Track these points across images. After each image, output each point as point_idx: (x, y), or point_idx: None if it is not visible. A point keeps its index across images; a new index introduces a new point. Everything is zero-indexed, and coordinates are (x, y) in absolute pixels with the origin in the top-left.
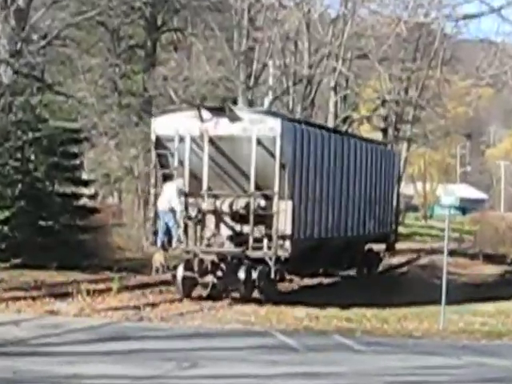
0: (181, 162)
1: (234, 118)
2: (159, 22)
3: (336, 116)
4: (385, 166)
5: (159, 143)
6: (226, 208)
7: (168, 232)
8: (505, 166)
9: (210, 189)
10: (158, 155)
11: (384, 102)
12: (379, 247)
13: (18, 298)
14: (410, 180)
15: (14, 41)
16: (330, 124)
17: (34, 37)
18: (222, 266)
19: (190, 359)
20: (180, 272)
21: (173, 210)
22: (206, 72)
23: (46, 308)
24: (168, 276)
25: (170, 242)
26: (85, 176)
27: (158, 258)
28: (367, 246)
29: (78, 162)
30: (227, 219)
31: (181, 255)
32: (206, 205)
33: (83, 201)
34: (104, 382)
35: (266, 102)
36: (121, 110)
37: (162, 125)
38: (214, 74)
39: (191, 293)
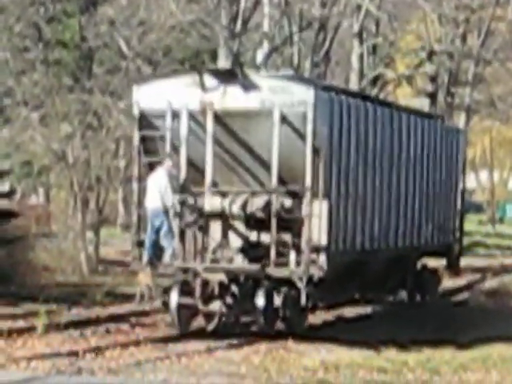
0: (174, 147)
1: (249, 86)
2: None
3: (362, 75)
4: (447, 151)
5: (144, 121)
6: (237, 210)
7: (157, 242)
8: None
9: (215, 184)
10: (143, 138)
11: (431, 55)
12: (437, 263)
13: None
14: (469, 167)
15: None
16: (354, 86)
17: None
18: (234, 288)
19: None
20: (174, 298)
21: (167, 210)
22: (171, 13)
23: None
24: (157, 303)
25: (159, 256)
26: None
27: (144, 279)
28: (421, 262)
29: None
30: (239, 225)
31: (175, 274)
32: (210, 206)
33: None
34: None
35: (260, 55)
36: (48, 69)
37: (149, 96)
38: (182, 15)
39: (190, 326)
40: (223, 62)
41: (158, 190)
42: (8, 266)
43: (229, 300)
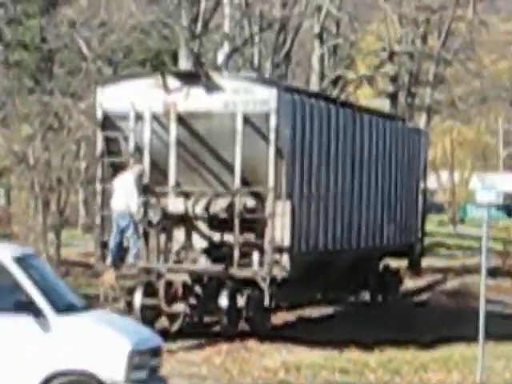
0: (138, 148)
1: (212, 87)
2: None
3: (322, 76)
4: (408, 152)
5: (108, 122)
6: (200, 211)
7: (121, 243)
8: None
9: (178, 184)
10: (107, 139)
11: (392, 55)
12: (398, 264)
13: None
14: (430, 168)
15: None
16: (314, 87)
17: None
18: (197, 289)
19: None
20: (138, 298)
21: (128, 213)
22: (131, 14)
23: None
24: (121, 304)
25: (122, 257)
26: None
27: (108, 280)
28: (383, 262)
29: None
30: (202, 226)
31: (139, 275)
32: (174, 207)
33: None
34: None
35: (221, 56)
36: (8, 71)
37: (112, 97)
38: (143, 16)
39: (154, 326)
40: (184, 63)
41: (125, 192)
42: None
43: (192, 301)
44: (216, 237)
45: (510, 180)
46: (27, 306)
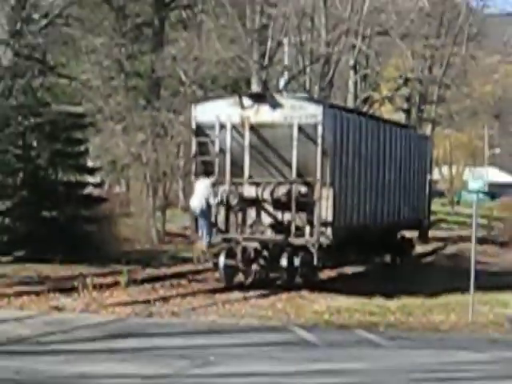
0: (221, 150)
1: (275, 105)
2: None
3: (356, 97)
4: (418, 152)
5: (200, 131)
6: (267, 195)
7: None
8: None
9: (251, 176)
10: (199, 143)
11: (406, 81)
12: (412, 234)
13: (20, 294)
14: (434, 164)
15: (13, 20)
16: (350, 105)
17: (35, 16)
18: (265, 253)
19: (203, 357)
20: (222, 260)
21: (205, 210)
22: (217, 51)
23: (50, 304)
24: (209, 264)
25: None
26: (90, 163)
27: (200, 247)
28: (400, 234)
29: (82, 148)
30: (268, 207)
31: (220, 243)
32: (248, 192)
33: (88, 190)
34: (112, 382)
35: (282, 82)
36: (127, 93)
37: (203, 112)
38: (225, 53)
39: (233, 279)
40: (255, 87)
41: (201, 194)
42: (99, 238)
43: (261, 262)
44: (278, 215)
45: (491, 173)
46: None
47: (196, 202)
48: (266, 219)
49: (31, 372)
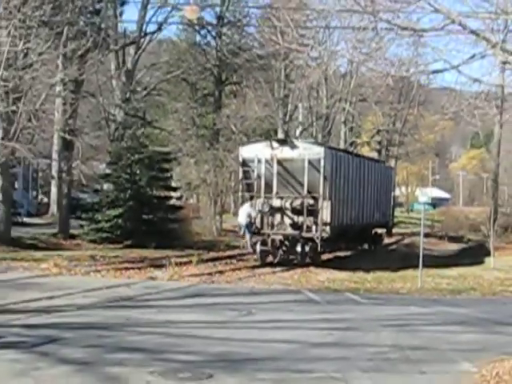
0: (258, 176)
1: (293, 147)
2: (223, 78)
3: (345, 141)
4: (385, 177)
5: (244, 163)
6: (287, 205)
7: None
8: (462, 175)
9: (277, 193)
10: (244, 171)
11: (378, 132)
12: (382, 231)
13: (128, 268)
14: (396, 185)
15: (124, 92)
16: (341, 146)
17: (138, 89)
18: (286, 243)
19: (246, 309)
20: (258, 247)
21: (246, 223)
22: (255, 112)
23: (147, 275)
24: (250, 250)
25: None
26: (173, 184)
27: (244, 240)
28: (374, 230)
29: (168, 174)
30: (288, 213)
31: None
32: (275, 203)
33: (172, 201)
34: (187, 325)
35: (297, 132)
36: (198, 139)
37: (246, 151)
38: (260, 113)
39: (265, 260)
40: (280, 135)
41: (245, 216)
42: (179, 232)
43: (284, 248)
44: (295, 218)
45: (433, 191)
46: None
47: (241, 219)
48: (287, 220)
49: (135, 318)
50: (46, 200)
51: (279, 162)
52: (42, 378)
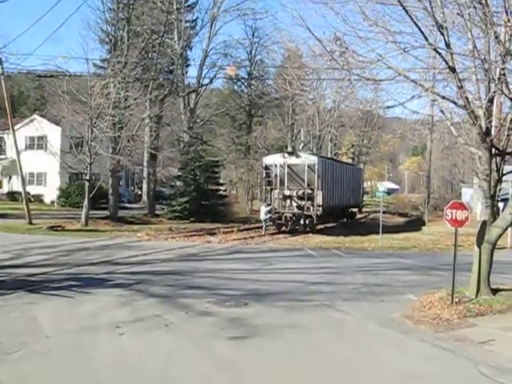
0: (275, 175)
1: (298, 156)
2: (252, 112)
3: (331, 152)
4: (357, 175)
5: (266, 167)
6: (294, 194)
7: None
8: (407, 174)
9: (288, 186)
10: (266, 172)
11: (352, 146)
12: (355, 210)
13: (192, 235)
14: (363, 180)
15: (189, 122)
16: (329, 155)
17: (198, 120)
18: (294, 218)
19: (268, 261)
20: (276, 221)
21: (265, 217)
22: (273, 134)
23: (205, 239)
24: (270, 223)
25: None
26: (221, 181)
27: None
28: (350, 209)
29: (218, 175)
30: (295, 199)
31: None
32: (287, 193)
33: (220, 192)
34: (231, 272)
35: (300, 147)
36: (236, 152)
37: (268, 159)
38: (276, 135)
39: (281, 229)
40: (289, 149)
41: (264, 213)
42: (225, 212)
43: (292, 221)
44: (299, 202)
45: (388, 184)
46: None
47: (262, 215)
48: (294, 204)
49: (199, 266)
50: (139, 192)
51: (289, 166)
52: (139, 307)
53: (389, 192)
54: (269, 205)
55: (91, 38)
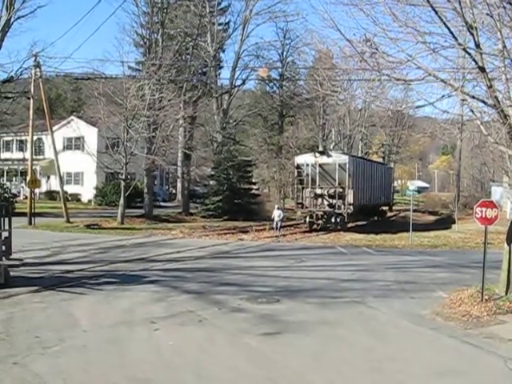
0: (307, 174)
1: (329, 156)
2: (284, 113)
3: (362, 151)
4: (388, 174)
5: (298, 167)
6: (325, 192)
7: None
8: (437, 172)
9: (319, 184)
10: (297, 171)
11: (383, 145)
12: (385, 208)
13: (225, 233)
14: (395, 179)
15: (222, 123)
16: (360, 155)
17: (231, 121)
18: (325, 216)
19: (300, 258)
20: (308, 219)
21: (278, 220)
22: (304, 134)
23: (237, 237)
24: (301, 221)
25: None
26: (253, 180)
27: (300, 214)
28: (380, 208)
29: (250, 174)
30: (326, 197)
31: (307, 213)
32: (318, 191)
33: (253, 191)
34: (263, 269)
35: (331, 146)
36: (268, 152)
37: (299, 159)
38: (308, 135)
39: (312, 227)
40: (321, 148)
41: (277, 215)
42: (258, 210)
43: (323, 220)
44: (330, 200)
45: (418, 183)
46: None
47: (276, 218)
48: (325, 202)
49: (230, 263)
50: (174, 191)
51: (320, 166)
52: (173, 302)
53: (419, 190)
54: (279, 208)
55: (126, 42)
